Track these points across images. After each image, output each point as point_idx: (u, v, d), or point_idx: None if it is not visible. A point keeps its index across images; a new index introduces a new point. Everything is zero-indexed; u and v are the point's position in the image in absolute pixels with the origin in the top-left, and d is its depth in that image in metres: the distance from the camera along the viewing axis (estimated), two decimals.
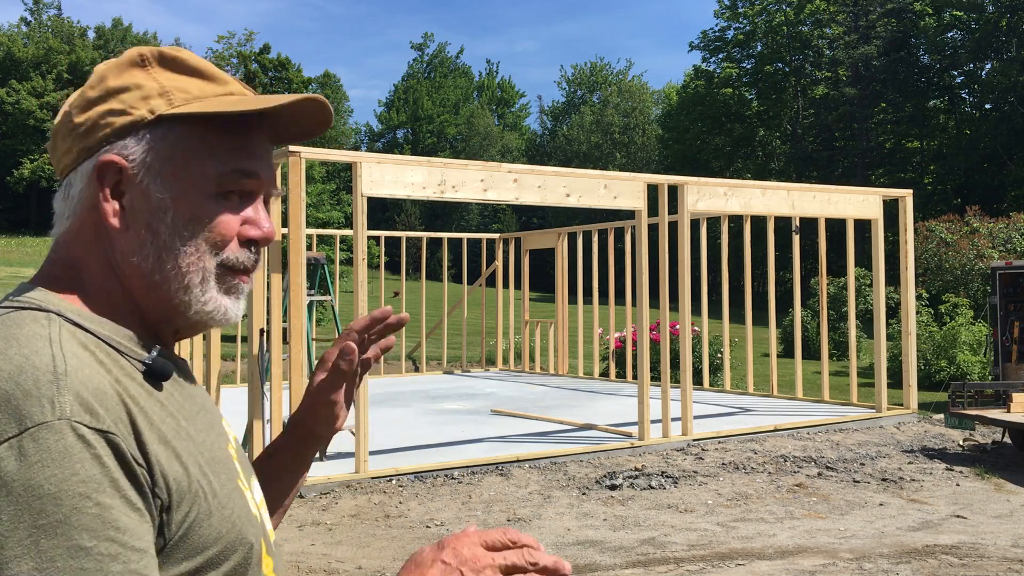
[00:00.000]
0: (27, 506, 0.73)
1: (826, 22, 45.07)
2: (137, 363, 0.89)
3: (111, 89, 0.93)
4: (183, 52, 0.96)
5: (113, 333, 0.89)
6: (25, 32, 62.66)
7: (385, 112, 79.60)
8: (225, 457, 0.94)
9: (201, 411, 0.95)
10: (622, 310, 15.16)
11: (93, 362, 0.84)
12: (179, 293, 0.92)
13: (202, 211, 0.92)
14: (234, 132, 0.94)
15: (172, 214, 0.91)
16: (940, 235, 19.20)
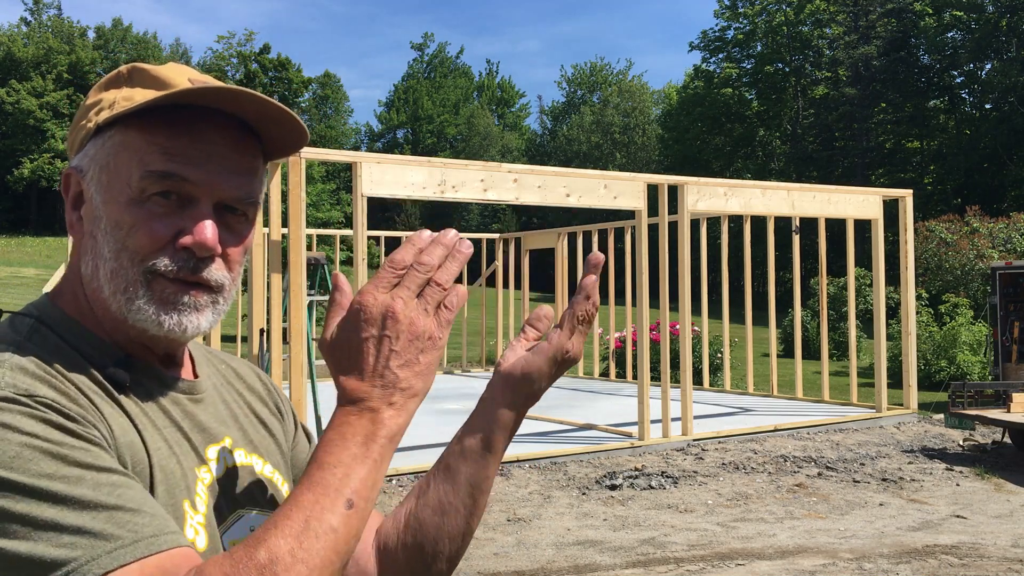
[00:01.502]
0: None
1: (826, 22, 45.06)
2: (99, 371, 0.91)
3: (86, 106, 0.97)
4: (153, 66, 0.96)
5: (79, 341, 0.92)
6: (25, 32, 62.67)
7: (385, 112, 79.61)
8: (180, 473, 0.92)
9: (171, 427, 0.95)
10: (622, 310, 15.16)
11: (53, 369, 0.86)
12: (111, 301, 0.92)
13: (124, 217, 0.91)
14: (161, 135, 0.91)
15: (104, 221, 0.92)
16: (940, 235, 19.19)
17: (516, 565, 5.26)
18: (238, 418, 1.07)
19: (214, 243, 0.92)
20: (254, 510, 1.01)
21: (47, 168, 55.37)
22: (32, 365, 0.85)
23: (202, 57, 75.72)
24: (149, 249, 0.91)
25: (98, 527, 0.75)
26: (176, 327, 0.93)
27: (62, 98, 57.69)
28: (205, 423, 1.00)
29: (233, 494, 0.99)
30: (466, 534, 1.03)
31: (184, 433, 0.96)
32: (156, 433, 0.92)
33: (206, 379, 1.05)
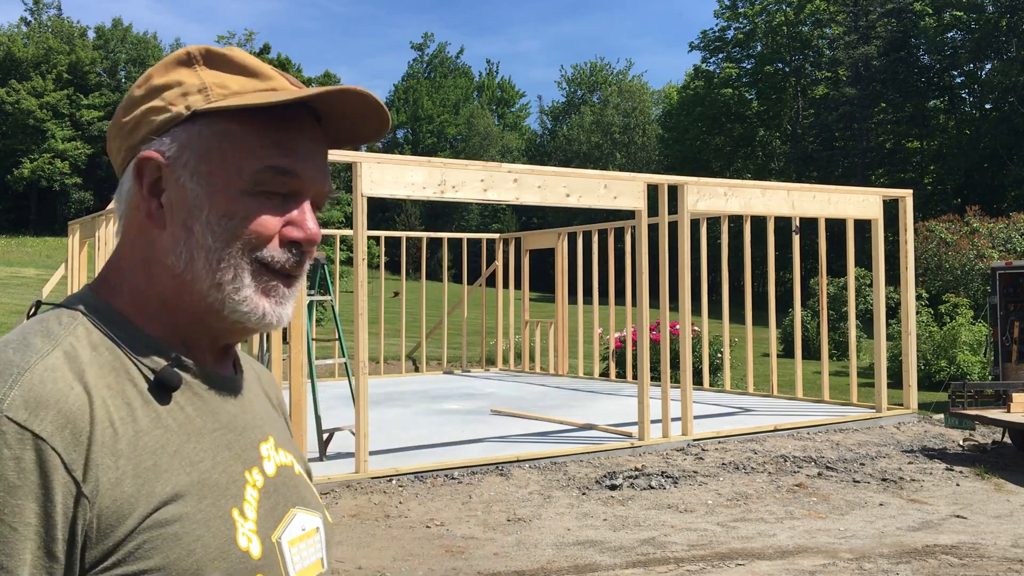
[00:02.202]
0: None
1: (826, 22, 45.07)
2: (147, 371, 0.86)
3: (155, 87, 0.91)
4: (233, 50, 0.94)
5: (131, 337, 0.88)
6: (25, 32, 62.66)
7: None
8: (230, 482, 0.88)
9: (220, 430, 0.91)
10: (622, 310, 15.16)
11: (93, 365, 0.83)
12: (212, 291, 0.89)
13: (236, 207, 0.89)
14: (273, 129, 0.91)
15: (207, 211, 0.89)
16: (940, 235, 19.20)
17: (516, 565, 5.26)
18: (271, 414, 1.05)
19: (317, 235, 0.93)
20: (303, 509, 0.98)
21: (47, 168, 55.37)
22: (56, 377, 0.79)
23: None
24: (261, 240, 0.90)
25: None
26: (275, 319, 0.92)
27: (62, 98, 57.69)
28: (254, 420, 0.97)
29: (285, 493, 0.96)
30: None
31: (236, 433, 0.93)
32: (198, 442, 0.87)
33: (248, 372, 1.03)
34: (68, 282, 12.67)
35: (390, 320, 18.70)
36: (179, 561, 0.81)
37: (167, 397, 0.86)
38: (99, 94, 60.94)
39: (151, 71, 0.94)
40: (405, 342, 15.95)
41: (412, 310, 20.10)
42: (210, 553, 0.83)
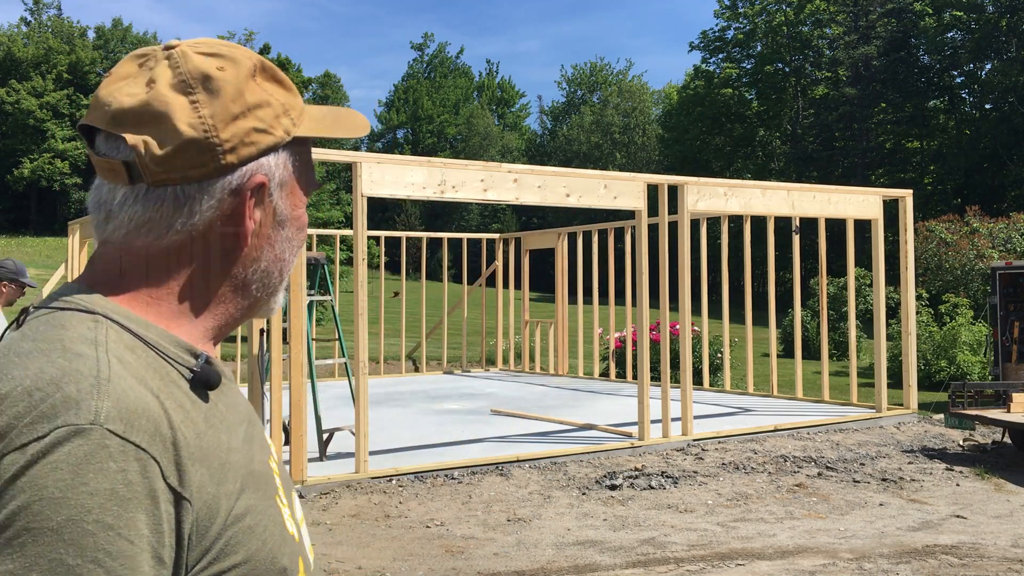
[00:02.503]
0: (25, 506, 0.69)
1: (826, 22, 45.07)
2: (184, 370, 0.86)
3: (251, 105, 0.90)
4: (268, 61, 0.95)
5: (160, 338, 0.86)
6: (25, 32, 62.66)
7: (385, 112, 79.62)
8: (266, 471, 0.91)
9: (244, 422, 0.92)
10: (622, 310, 15.16)
11: (140, 368, 0.82)
12: (267, 297, 0.96)
13: (303, 220, 0.97)
14: (310, 152, 0.99)
15: (288, 226, 0.95)
16: (940, 235, 19.20)
17: (516, 565, 5.26)
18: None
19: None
20: (294, 492, 1.01)
21: (47, 168, 55.37)
22: (132, 385, 0.78)
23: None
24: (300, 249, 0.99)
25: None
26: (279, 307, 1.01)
27: (62, 98, 57.69)
28: (250, 409, 0.98)
29: (286, 478, 0.99)
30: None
31: (252, 424, 0.94)
32: (236, 436, 0.88)
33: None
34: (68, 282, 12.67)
35: (390, 320, 18.70)
36: (259, 552, 0.83)
37: (206, 395, 0.87)
38: None
39: (236, 83, 0.90)
40: (405, 342, 15.95)
41: (412, 310, 20.10)
42: (276, 540, 0.86)
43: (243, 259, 0.93)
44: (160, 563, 0.74)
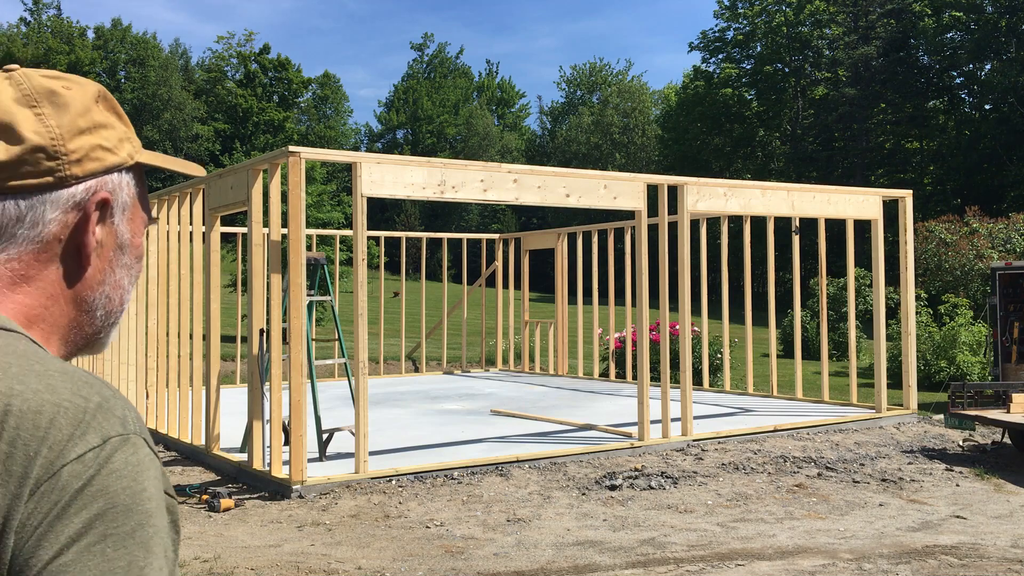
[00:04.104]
0: (101, 514, 0.76)
1: (826, 22, 45.06)
2: None
3: (98, 123, 0.92)
4: (109, 94, 0.97)
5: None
6: (25, 32, 62.65)
7: (385, 112, 79.62)
8: None
9: None
10: (622, 310, 15.15)
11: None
12: (107, 327, 0.97)
13: (140, 251, 0.98)
14: (144, 181, 1.00)
15: (127, 254, 0.96)
16: (940, 235, 19.19)
17: (516, 565, 5.26)
18: None
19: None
20: None
21: None
22: (126, 402, 0.85)
23: (201, 57, 75.75)
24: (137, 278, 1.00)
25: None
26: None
27: None
28: None
29: None
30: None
31: None
32: None
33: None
34: None
35: (390, 320, 18.70)
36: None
37: None
38: None
39: (84, 102, 0.92)
40: (405, 342, 15.95)
41: (412, 310, 20.10)
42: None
43: (88, 279, 0.93)
44: (176, 551, 0.83)
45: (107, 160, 0.92)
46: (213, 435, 7.96)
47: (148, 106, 61.14)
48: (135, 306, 9.87)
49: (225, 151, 60.05)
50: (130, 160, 0.95)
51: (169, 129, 60.21)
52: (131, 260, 0.97)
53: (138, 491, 0.78)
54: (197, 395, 8.51)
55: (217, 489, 6.86)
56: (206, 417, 8.01)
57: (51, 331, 0.92)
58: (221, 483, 7.37)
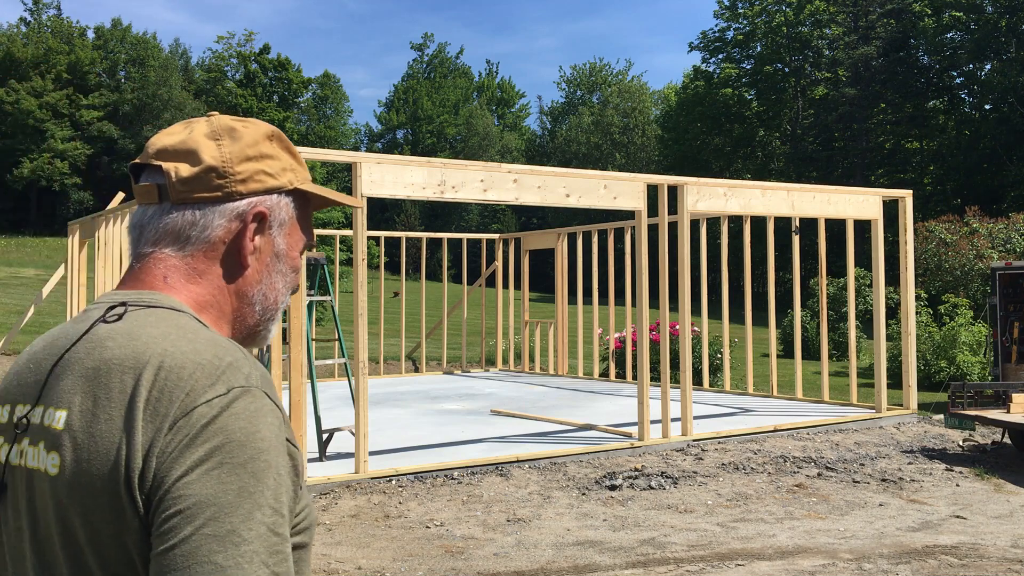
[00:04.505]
0: (220, 446, 0.94)
1: (826, 22, 45.06)
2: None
3: (264, 154, 1.16)
4: (285, 137, 1.21)
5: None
6: (24, 32, 62.64)
7: (385, 112, 79.61)
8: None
9: None
10: (622, 310, 15.16)
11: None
12: (266, 321, 1.19)
13: (296, 264, 1.21)
14: (310, 208, 1.23)
15: (283, 262, 1.18)
16: (940, 235, 19.19)
17: (516, 565, 5.26)
18: None
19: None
20: None
21: (46, 168, 55.35)
22: (257, 366, 1.04)
23: (201, 57, 75.72)
24: (295, 288, 1.22)
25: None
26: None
27: (61, 98, 57.68)
28: None
29: None
30: None
31: None
32: None
33: None
34: (68, 282, 12.67)
35: (390, 320, 18.70)
36: (311, 520, 1.09)
37: None
38: (99, 94, 60.93)
39: (254, 136, 1.16)
40: (405, 342, 15.95)
41: (412, 310, 20.10)
42: (313, 511, 1.10)
43: (248, 278, 1.15)
44: (296, 490, 1.02)
45: (268, 183, 1.15)
46: None
47: (148, 106, 61.14)
48: None
49: None
50: (289, 186, 1.17)
51: None
52: (286, 268, 1.19)
53: (252, 431, 0.96)
54: None
55: None
56: None
57: (219, 317, 1.15)
58: None
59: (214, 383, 0.97)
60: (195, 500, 0.91)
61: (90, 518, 0.96)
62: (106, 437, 0.96)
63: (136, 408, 0.96)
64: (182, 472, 0.93)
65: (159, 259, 1.12)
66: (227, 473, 0.93)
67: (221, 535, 0.90)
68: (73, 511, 0.97)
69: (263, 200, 1.14)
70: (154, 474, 0.94)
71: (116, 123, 60.92)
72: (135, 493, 0.94)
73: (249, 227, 1.13)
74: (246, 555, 0.91)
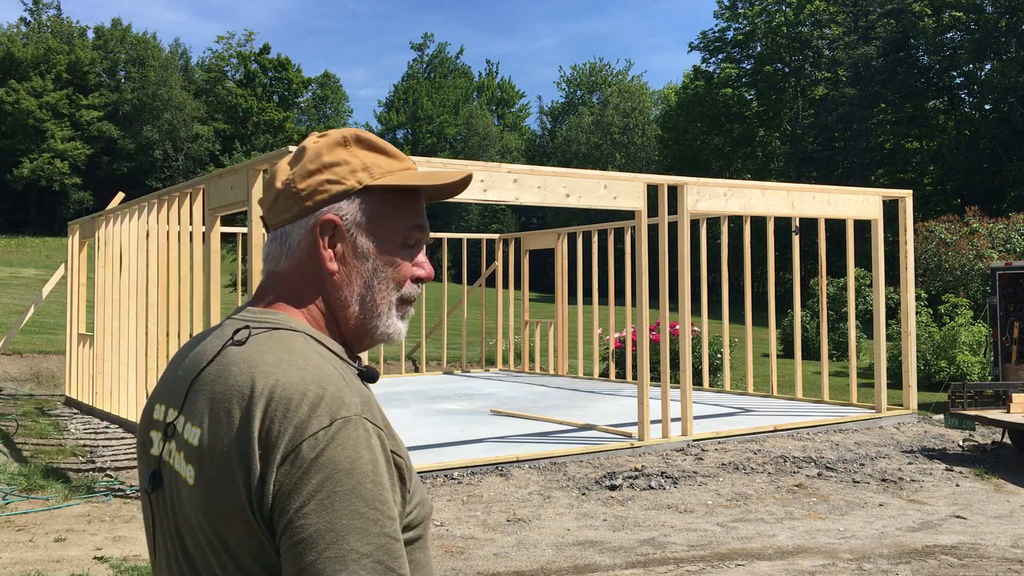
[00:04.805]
0: (329, 476, 1.03)
1: (826, 22, 45.05)
2: (352, 368, 1.20)
3: (326, 163, 1.21)
4: (371, 135, 1.25)
5: (332, 347, 1.20)
6: (24, 32, 62.64)
7: (385, 112, 79.59)
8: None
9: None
10: (622, 310, 15.16)
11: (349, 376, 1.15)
12: (372, 319, 1.24)
13: (393, 257, 1.23)
14: (411, 197, 1.25)
15: (372, 260, 1.22)
16: (940, 235, 19.19)
17: (516, 565, 5.26)
18: None
19: (431, 273, 1.29)
20: None
21: (47, 168, 55.34)
22: (350, 381, 1.13)
23: (201, 57, 75.71)
24: (404, 280, 1.25)
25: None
26: (403, 336, 1.29)
27: (61, 98, 57.66)
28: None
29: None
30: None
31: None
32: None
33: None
34: (68, 282, 12.66)
35: None
36: (425, 500, 1.20)
37: (367, 386, 1.20)
38: (99, 94, 60.92)
39: (318, 149, 1.22)
40: (405, 342, 15.95)
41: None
42: (422, 490, 1.20)
43: (338, 284, 1.22)
44: (404, 495, 1.12)
45: (333, 190, 1.20)
46: None
47: (148, 106, 61.10)
48: (135, 306, 9.87)
49: (225, 151, 60.03)
50: (358, 186, 1.21)
51: (169, 129, 60.18)
52: (380, 265, 1.23)
53: (355, 458, 1.05)
54: None
55: None
56: None
57: (328, 325, 1.23)
58: None
59: (319, 415, 1.06)
60: (315, 530, 1.02)
61: (226, 528, 1.07)
62: (230, 463, 1.07)
63: (252, 439, 1.06)
64: (299, 504, 1.03)
65: (269, 279, 1.25)
66: (339, 500, 1.03)
67: (341, 556, 1.01)
68: (210, 519, 1.08)
69: (332, 208, 1.20)
70: (272, 503, 1.04)
71: (116, 123, 60.90)
72: (259, 517, 1.05)
73: (321, 238, 1.20)
74: (366, 566, 1.02)
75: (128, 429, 10.01)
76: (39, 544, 5.66)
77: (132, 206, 10.12)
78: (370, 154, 1.23)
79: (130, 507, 6.63)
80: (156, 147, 59.87)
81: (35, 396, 13.22)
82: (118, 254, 10.49)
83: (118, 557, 5.36)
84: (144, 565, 5.15)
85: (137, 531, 5.97)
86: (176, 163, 60.69)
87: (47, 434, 9.77)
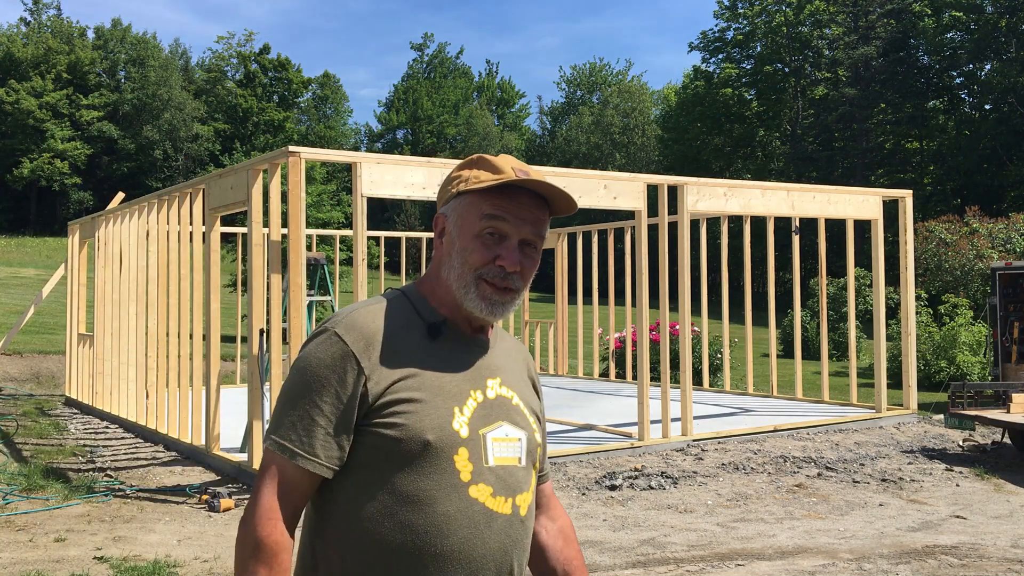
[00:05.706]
0: (295, 361, 1.59)
1: (826, 22, 45.05)
2: (423, 321, 1.60)
3: (452, 177, 1.66)
4: (492, 157, 1.62)
5: (421, 308, 1.63)
6: (25, 32, 62.65)
7: (385, 112, 79.57)
8: (455, 391, 1.56)
9: (462, 366, 1.60)
10: (622, 310, 15.16)
11: (395, 315, 1.59)
12: (459, 291, 1.60)
13: (468, 244, 1.59)
14: (493, 197, 1.59)
15: (457, 246, 1.60)
16: (940, 235, 19.19)
17: None
18: (512, 370, 1.71)
19: (515, 265, 1.59)
20: (510, 424, 1.62)
21: (47, 168, 55.34)
22: (369, 316, 1.57)
23: (201, 57, 75.70)
24: (478, 264, 1.59)
25: (291, 435, 1.53)
26: (489, 314, 1.60)
27: (61, 98, 57.68)
28: (488, 365, 1.65)
29: (497, 410, 1.61)
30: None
31: (473, 368, 1.61)
32: (446, 366, 1.58)
33: (497, 343, 1.71)
34: (68, 282, 12.66)
35: None
36: (411, 425, 1.50)
37: (435, 338, 1.59)
38: (99, 94, 60.93)
39: (453, 169, 1.67)
40: None
41: None
42: (430, 425, 1.51)
43: (440, 262, 1.65)
44: (338, 399, 1.51)
45: (445, 197, 1.66)
46: (213, 435, 7.95)
47: (148, 106, 61.11)
48: (135, 306, 9.87)
49: (225, 151, 59.97)
50: (455, 191, 1.63)
51: (169, 129, 60.17)
52: (459, 249, 1.60)
53: (312, 352, 1.54)
54: (197, 395, 8.50)
55: (217, 489, 6.86)
56: (206, 417, 8.00)
57: (436, 289, 1.65)
58: (221, 483, 7.37)
59: (320, 329, 1.58)
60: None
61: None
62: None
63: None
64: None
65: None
66: (284, 382, 1.57)
67: (272, 421, 1.58)
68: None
69: (444, 208, 1.65)
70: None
71: (116, 123, 60.91)
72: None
73: (436, 230, 1.66)
74: (271, 429, 1.55)
75: (128, 429, 10.01)
76: (39, 544, 5.66)
77: (132, 206, 10.12)
78: (477, 171, 1.61)
79: (130, 507, 6.63)
80: (156, 147, 59.86)
81: (35, 396, 13.23)
82: (118, 254, 10.49)
83: (118, 557, 5.35)
84: (144, 565, 5.15)
85: (137, 531, 5.97)
86: (176, 163, 60.68)
87: (47, 434, 9.77)
